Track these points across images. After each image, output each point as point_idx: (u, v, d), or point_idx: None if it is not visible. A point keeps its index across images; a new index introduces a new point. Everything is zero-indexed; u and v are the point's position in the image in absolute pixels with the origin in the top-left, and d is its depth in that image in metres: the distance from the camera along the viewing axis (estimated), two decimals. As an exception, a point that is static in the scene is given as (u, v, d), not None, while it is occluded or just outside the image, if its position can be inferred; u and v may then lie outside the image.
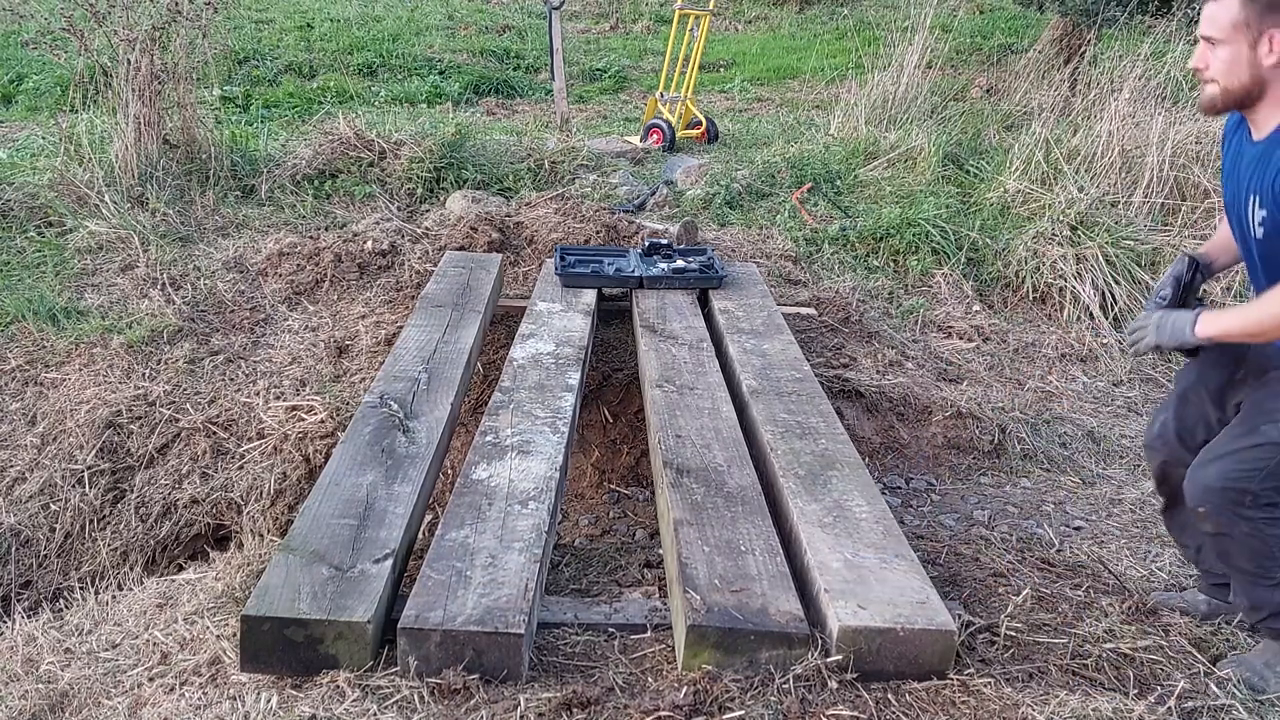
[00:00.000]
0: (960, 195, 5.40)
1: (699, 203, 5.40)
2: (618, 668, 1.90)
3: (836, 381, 3.75)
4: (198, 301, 4.16)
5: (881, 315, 4.52)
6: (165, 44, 5.05)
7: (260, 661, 1.77)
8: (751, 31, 12.10)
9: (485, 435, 2.47)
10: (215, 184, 5.08)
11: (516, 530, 2.05)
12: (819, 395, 2.85)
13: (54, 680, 2.02)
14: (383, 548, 1.97)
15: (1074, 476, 3.56)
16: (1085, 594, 2.39)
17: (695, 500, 2.21)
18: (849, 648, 1.79)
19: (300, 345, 3.88)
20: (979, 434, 3.68)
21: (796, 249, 4.92)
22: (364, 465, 2.28)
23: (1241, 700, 1.95)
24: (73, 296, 4.16)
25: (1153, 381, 4.42)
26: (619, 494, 3.44)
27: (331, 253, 4.34)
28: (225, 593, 2.21)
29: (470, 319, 3.30)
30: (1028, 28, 10.49)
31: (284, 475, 3.30)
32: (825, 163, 5.83)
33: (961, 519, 3.18)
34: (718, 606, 1.82)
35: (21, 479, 3.36)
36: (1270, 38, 1.91)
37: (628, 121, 7.77)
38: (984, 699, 1.78)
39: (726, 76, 9.89)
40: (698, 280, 3.81)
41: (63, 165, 4.92)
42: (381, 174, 5.31)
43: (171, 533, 3.27)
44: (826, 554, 2.01)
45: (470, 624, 1.75)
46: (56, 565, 3.24)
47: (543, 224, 4.66)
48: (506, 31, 10.76)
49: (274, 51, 9.09)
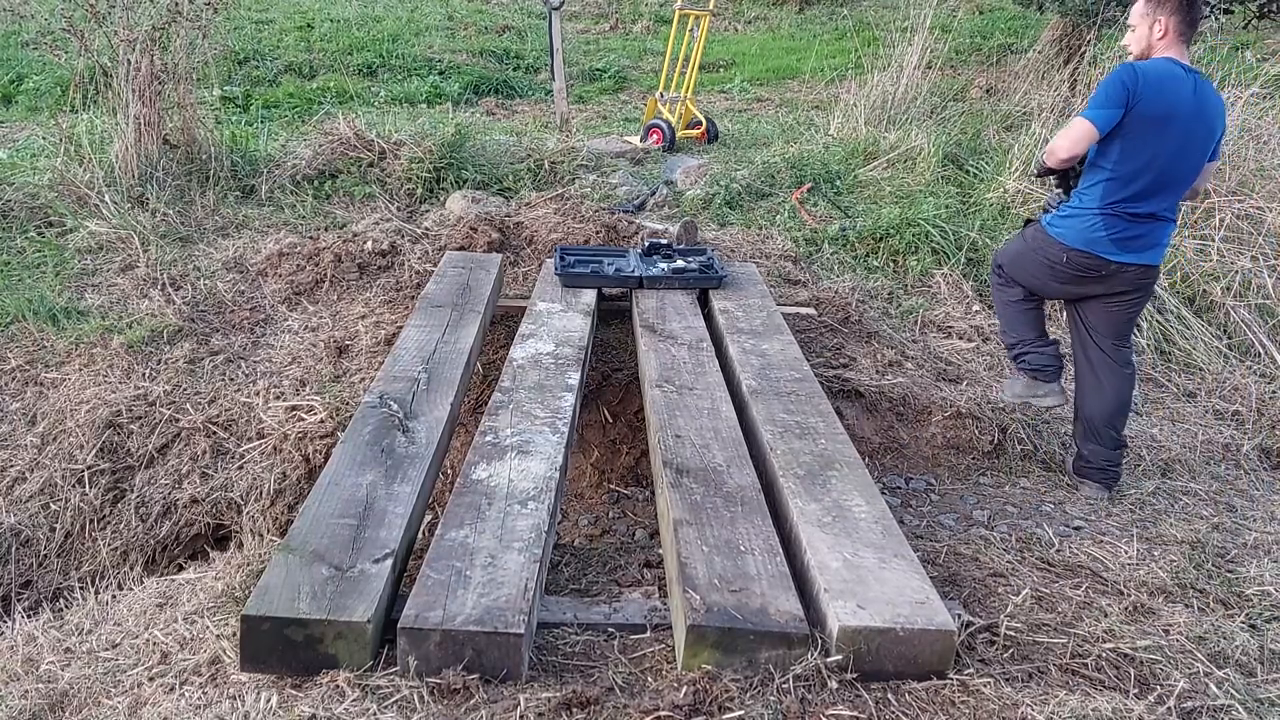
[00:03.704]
0: (960, 195, 5.40)
1: (699, 203, 5.40)
2: (617, 668, 1.90)
3: (836, 381, 3.75)
4: (198, 301, 4.16)
5: (881, 315, 4.52)
6: (165, 44, 5.05)
7: (260, 661, 1.77)
8: (751, 32, 12.11)
9: (485, 435, 2.47)
10: (215, 184, 5.09)
11: (516, 530, 2.05)
12: (818, 395, 2.85)
13: (54, 680, 2.02)
14: (382, 548, 1.97)
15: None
16: (1085, 594, 2.38)
17: (695, 500, 2.21)
18: (848, 647, 1.79)
19: (300, 345, 3.88)
20: (979, 434, 3.68)
21: (796, 249, 4.92)
22: (364, 465, 2.28)
23: (1241, 700, 1.95)
24: (73, 296, 4.16)
25: (1153, 381, 4.42)
26: (619, 494, 3.44)
27: (331, 253, 4.34)
28: (225, 592, 2.21)
29: (470, 319, 3.30)
30: (1028, 28, 10.50)
31: (284, 475, 3.30)
32: (825, 163, 5.84)
33: (961, 519, 3.18)
34: (717, 606, 1.82)
35: (21, 479, 3.36)
36: (1157, 21, 3.05)
37: (627, 121, 7.78)
38: (983, 699, 1.78)
39: (726, 76, 9.90)
40: (697, 280, 3.81)
41: (63, 165, 4.92)
42: (381, 174, 5.31)
43: (171, 532, 3.27)
44: (826, 554, 2.02)
45: (470, 624, 1.75)
46: (56, 565, 3.24)
47: (542, 224, 4.66)
48: (506, 31, 10.77)
49: (274, 52, 9.09)
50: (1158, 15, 3.03)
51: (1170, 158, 3.01)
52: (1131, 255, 3.13)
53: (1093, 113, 2.98)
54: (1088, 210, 3.12)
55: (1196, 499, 3.43)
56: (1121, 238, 3.10)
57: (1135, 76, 2.95)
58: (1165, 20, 3.02)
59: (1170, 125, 2.98)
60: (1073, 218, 3.17)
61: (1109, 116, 2.96)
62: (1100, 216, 3.10)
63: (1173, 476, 3.64)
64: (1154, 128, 2.97)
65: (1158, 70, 2.99)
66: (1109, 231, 3.10)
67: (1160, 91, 2.96)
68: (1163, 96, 2.96)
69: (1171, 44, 3.03)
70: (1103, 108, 2.96)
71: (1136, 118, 2.96)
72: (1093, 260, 3.15)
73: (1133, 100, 2.94)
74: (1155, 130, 2.97)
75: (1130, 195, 3.05)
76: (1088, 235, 3.13)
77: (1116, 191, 3.06)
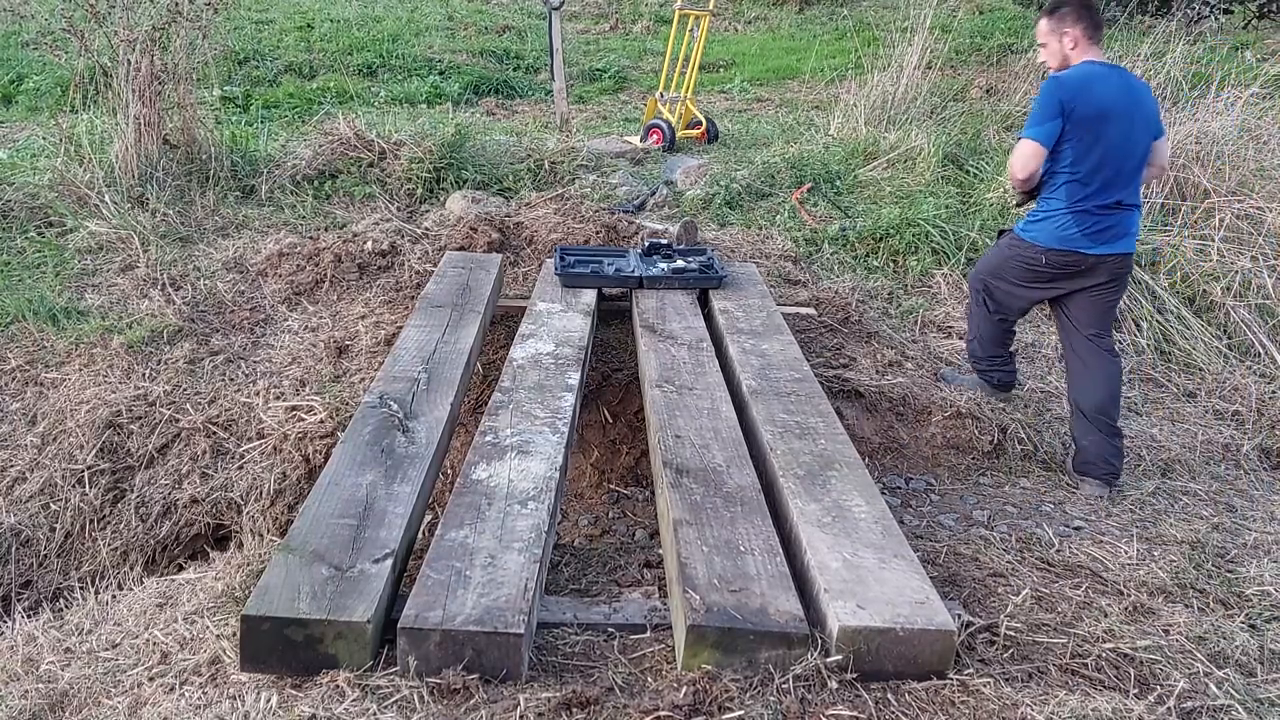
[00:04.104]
0: (960, 195, 5.40)
1: (699, 203, 5.40)
2: (617, 668, 1.90)
3: (836, 381, 3.75)
4: (198, 302, 4.16)
5: (881, 315, 4.52)
6: (165, 44, 5.05)
7: (260, 661, 1.77)
8: (751, 32, 12.11)
9: (485, 435, 2.47)
10: (215, 184, 5.09)
11: (516, 530, 2.05)
12: (818, 395, 2.85)
13: (54, 680, 2.02)
14: (382, 547, 1.97)
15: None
16: (1085, 594, 2.39)
17: (695, 500, 2.21)
18: (848, 648, 1.79)
19: (300, 345, 3.88)
20: (978, 434, 3.68)
21: (796, 249, 4.92)
22: (364, 465, 2.28)
23: (1241, 700, 1.95)
24: (73, 296, 4.16)
25: (1153, 381, 4.42)
26: (618, 494, 3.44)
27: (331, 253, 4.34)
28: (225, 592, 2.21)
29: (470, 319, 3.30)
30: (1027, 28, 10.48)
31: (284, 475, 3.30)
32: (825, 163, 5.84)
33: (961, 519, 3.18)
34: (717, 606, 1.82)
35: (21, 479, 3.36)
36: (1064, 34, 3.27)
37: (627, 121, 7.78)
38: (983, 699, 1.78)
39: (726, 76, 9.89)
40: (697, 280, 3.81)
41: (63, 165, 4.92)
42: (381, 174, 5.31)
43: (171, 533, 3.27)
44: (826, 554, 2.02)
45: (470, 624, 1.75)
46: (56, 565, 3.24)
47: (542, 224, 4.66)
48: (506, 32, 10.76)
49: (274, 52, 9.09)
50: (1063, 29, 3.28)
51: (1119, 148, 3.23)
52: (1106, 246, 3.31)
53: (1033, 131, 3.20)
54: (1057, 212, 3.31)
55: (1196, 499, 3.43)
56: (1094, 231, 3.28)
57: (1062, 86, 3.19)
58: (1071, 31, 3.26)
59: (1109, 119, 3.19)
60: (1045, 220, 3.36)
61: (1050, 130, 3.19)
62: (1070, 215, 3.29)
63: (1173, 476, 3.64)
64: (1095, 126, 3.18)
65: (1081, 75, 3.22)
66: (1081, 228, 3.28)
67: (1089, 92, 3.18)
68: (1092, 96, 3.18)
69: (1084, 50, 3.27)
70: (1041, 124, 3.19)
71: (1076, 122, 3.18)
72: (1072, 256, 3.33)
73: (1067, 108, 3.16)
74: (1097, 127, 3.19)
75: (1093, 190, 3.25)
76: (1061, 234, 3.32)
77: (1080, 190, 3.26)
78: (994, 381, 3.83)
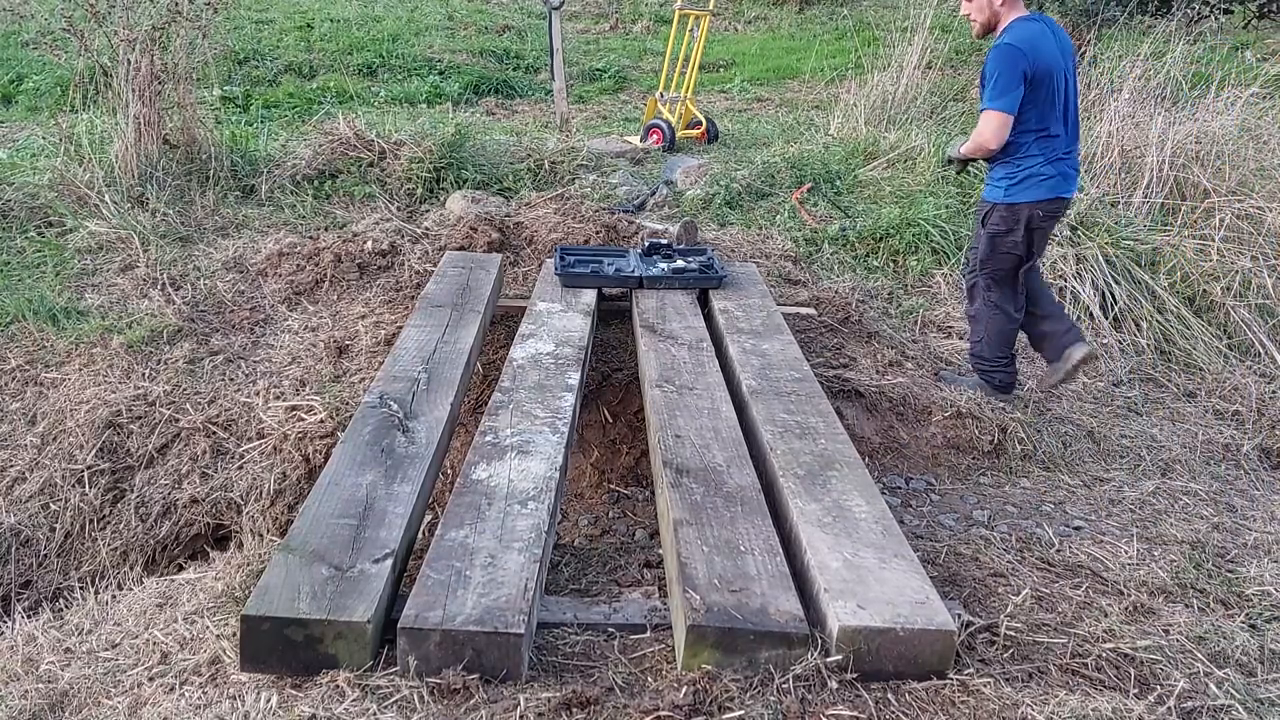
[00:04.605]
0: (960, 195, 5.40)
1: (699, 203, 5.40)
2: (617, 668, 1.90)
3: (836, 381, 3.75)
4: (198, 301, 4.16)
5: (881, 315, 4.52)
6: (165, 44, 5.05)
7: (260, 661, 1.77)
8: (751, 32, 12.11)
9: (485, 435, 2.47)
10: (215, 184, 5.09)
11: (516, 530, 2.05)
12: (818, 395, 2.85)
13: (54, 680, 2.02)
14: (382, 547, 1.97)
15: (1074, 476, 3.56)
16: (1085, 594, 2.39)
17: (695, 500, 2.21)
18: (849, 647, 1.79)
19: (300, 345, 3.88)
20: (979, 434, 3.68)
21: (796, 249, 4.92)
22: (364, 465, 2.28)
23: (1241, 700, 1.95)
24: (73, 296, 4.16)
25: (1153, 381, 4.42)
26: (619, 494, 3.44)
27: (331, 253, 4.34)
28: (225, 592, 2.21)
29: (470, 319, 3.30)
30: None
31: (284, 475, 3.30)
32: (825, 163, 5.84)
33: (961, 519, 3.18)
34: (717, 606, 1.82)
35: (21, 479, 3.36)
36: None
37: (627, 121, 7.78)
38: (983, 699, 1.78)
39: (726, 76, 9.90)
40: (697, 280, 3.81)
41: (63, 165, 4.92)
42: (381, 174, 5.31)
43: (171, 533, 3.27)
44: (826, 554, 2.02)
45: (470, 624, 1.75)
46: (56, 565, 3.24)
47: (542, 224, 4.66)
48: (506, 31, 10.77)
49: (274, 52, 9.09)
50: None
51: (1068, 97, 3.52)
52: (1073, 187, 3.67)
53: (1000, 102, 3.39)
54: (1036, 168, 3.52)
55: (1196, 499, 3.43)
56: (1071, 176, 3.61)
57: (1019, 52, 3.35)
58: None
59: (1055, 73, 3.44)
60: (1027, 179, 3.55)
61: (1015, 98, 3.38)
62: (1049, 166, 3.52)
63: (1173, 476, 3.64)
64: (1048, 82, 3.42)
65: (1027, 35, 3.40)
66: (1061, 175, 3.55)
67: (1038, 51, 3.38)
68: (1041, 55, 3.39)
69: (1012, 4, 3.48)
70: (1007, 93, 3.37)
71: (1034, 84, 3.40)
72: (1060, 203, 3.63)
73: (1028, 73, 3.37)
74: (1049, 83, 3.43)
75: (1060, 140, 3.52)
76: (1048, 186, 3.55)
77: (1051, 143, 3.50)
78: (995, 383, 3.88)
